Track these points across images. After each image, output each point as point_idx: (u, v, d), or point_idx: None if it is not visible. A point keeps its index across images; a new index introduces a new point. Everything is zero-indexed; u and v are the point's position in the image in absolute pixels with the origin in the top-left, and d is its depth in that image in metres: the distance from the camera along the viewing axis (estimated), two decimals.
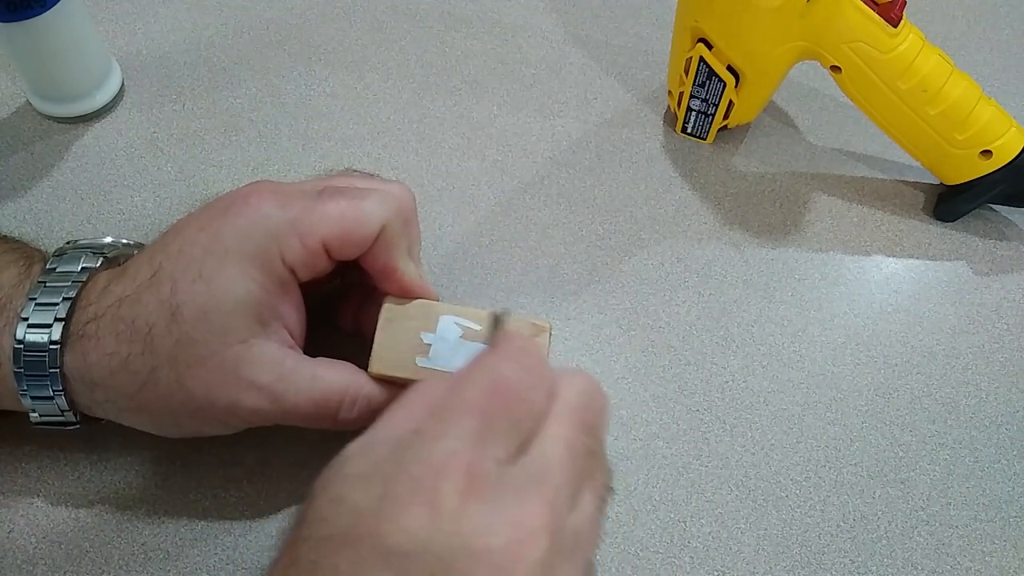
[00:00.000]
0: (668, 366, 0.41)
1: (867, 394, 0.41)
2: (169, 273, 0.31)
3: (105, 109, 0.48)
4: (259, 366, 0.31)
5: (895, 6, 0.40)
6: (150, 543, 0.35)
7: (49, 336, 0.31)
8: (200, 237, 0.31)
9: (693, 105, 0.47)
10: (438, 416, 0.25)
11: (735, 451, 0.39)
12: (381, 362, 0.33)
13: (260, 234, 0.31)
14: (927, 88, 0.42)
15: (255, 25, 0.54)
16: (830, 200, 0.48)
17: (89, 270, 0.33)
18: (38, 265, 0.33)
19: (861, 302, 0.44)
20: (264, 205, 0.31)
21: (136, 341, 0.30)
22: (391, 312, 0.34)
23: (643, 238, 0.45)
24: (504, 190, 0.47)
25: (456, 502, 0.23)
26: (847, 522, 0.37)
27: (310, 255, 0.32)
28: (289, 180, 0.35)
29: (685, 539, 0.36)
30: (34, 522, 0.35)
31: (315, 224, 0.31)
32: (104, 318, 0.31)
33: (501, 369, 0.26)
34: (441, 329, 0.33)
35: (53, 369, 0.31)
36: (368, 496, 0.23)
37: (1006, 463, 0.39)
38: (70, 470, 0.36)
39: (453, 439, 0.24)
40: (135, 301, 0.31)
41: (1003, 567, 0.36)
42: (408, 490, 0.23)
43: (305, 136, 0.48)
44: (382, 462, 0.24)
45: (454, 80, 0.52)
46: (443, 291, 0.42)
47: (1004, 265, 0.46)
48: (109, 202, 0.45)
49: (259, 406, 0.31)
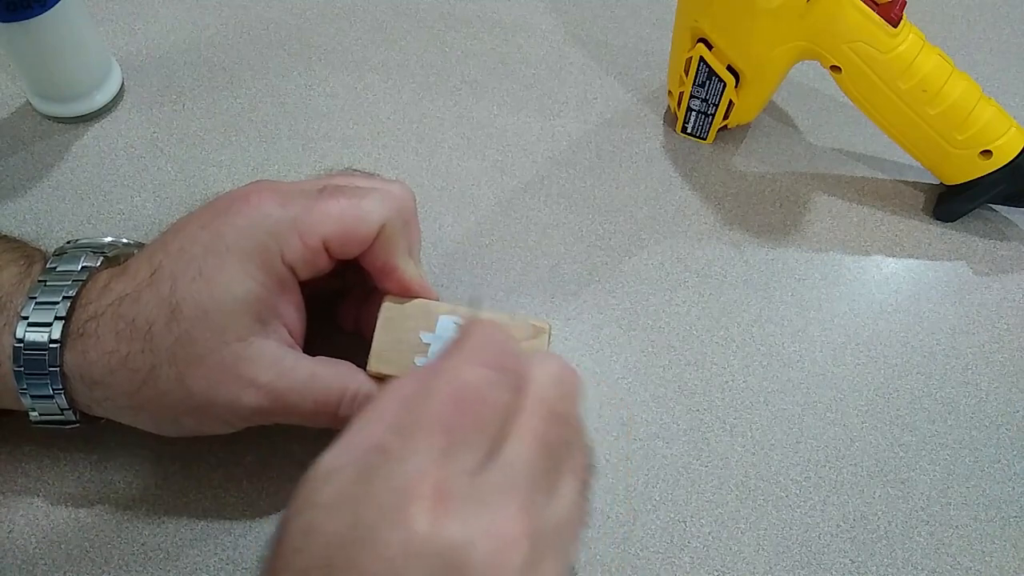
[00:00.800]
0: (668, 366, 0.41)
1: (867, 394, 0.41)
2: (169, 271, 0.31)
3: (105, 109, 0.48)
4: (258, 364, 0.31)
5: (895, 6, 0.40)
6: (150, 543, 0.35)
7: (49, 335, 0.31)
8: (201, 235, 0.31)
9: (693, 105, 0.47)
10: (402, 433, 0.25)
11: (735, 451, 0.39)
12: (380, 361, 0.33)
13: (261, 233, 0.31)
14: (927, 88, 0.42)
15: (255, 25, 0.54)
16: (830, 200, 0.48)
17: (89, 269, 0.33)
18: (38, 264, 0.33)
19: (861, 302, 0.44)
20: (265, 204, 0.31)
21: (136, 339, 0.30)
22: (390, 311, 0.34)
23: (643, 238, 0.45)
24: (504, 190, 0.47)
25: (428, 522, 0.23)
26: (847, 522, 0.37)
27: (310, 253, 0.32)
28: (289, 180, 0.35)
29: (685, 539, 0.36)
30: (34, 522, 0.35)
31: (315, 223, 0.31)
32: (104, 316, 0.31)
33: (463, 374, 0.26)
34: (440, 329, 0.33)
35: (53, 367, 0.31)
36: (340, 525, 0.23)
37: (1006, 463, 0.39)
38: (70, 470, 0.36)
39: (419, 458, 0.24)
40: (135, 299, 0.31)
41: (1003, 567, 0.36)
42: (379, 516, 0.23)
43: (305, 136, 0.48)
44: (349, 488, 0.24)
45: (454, 80, 0.52)
46: (443, 291, 0.42)
47: (1004, 265, 0.46)
48: (109, 202, 0.45)
49: (259, 404, 0.31)
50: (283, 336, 0.32)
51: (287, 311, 0.33)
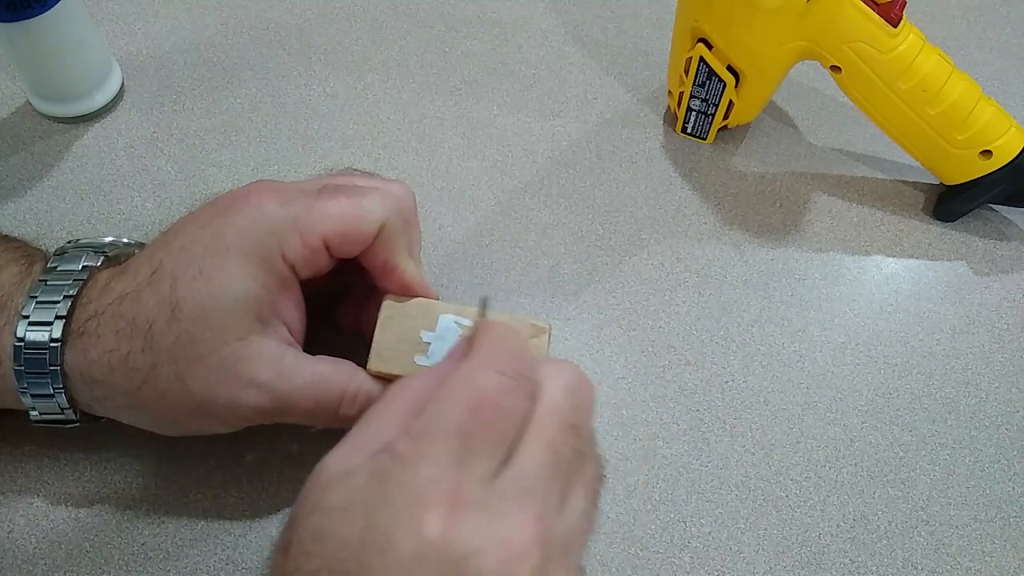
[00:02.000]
0: (668, 366, 0.41)
1: (867, 394, 0.41)
2: (170, 270, 0.31)
3: (105, 109, 0.48)
4: (258, 363, 0.31)
5: (895, 6, 0.40)
6: (150, 543, 0.35)
7: (50, 334, 0.31)
8: (201, 235, 0.31)
9: (693, 105, 0.47)
10: (418, 437, 0.25)
11: (735, 451, 0.39)
12: (380, 360, 0.33)
13: (261, 232, 0.31)
14: (927, 88, 0.42)
15: (255, 25, 0.54)
16: (830, 200, 0.48)
17: (90, 268, 0.33)
18: (39, 264, 0.33)
19: (861, 302, 0.44)
20: (265, 203, 0.31)
21: (136, 338, 0.30)
22: (391, 310, 0.34)
23: (643, 238, 0.45)
24: (504, 190, 0.47)
25: (441, 528, 0.23)
26: (847, 522, 0.37)
27: (311, 252, 0.32)
28: (289, 180, 0.35)
29: (685, 539, 0.36)
30: (34, 522, 0.35)
31: (316, 222, 0.31)
32: (104, 315, 0.31)
33: (479, 381, 0.26)
34: (441, 328, 0.33)
35: (53, 366, 0.31)
36: (352, 529, 0.23)
37: (1006, 463, 0.39)
38: (70, 470, 0.36)
39: (434, 464, 0.24)
40: (136, 298, 0.31)
41: (1003, 567, 0.36)
42: (392, 521, 0.23)
43: (305, 136, 0.48)
44: (362, 492, 0.24)
45: (454, 80, 0.52)
46: (443, 291, 0.42)
47: (1004, 265, 0.46)
48: (109, 202, 0.45)
49: (259, 403, 0.31)
50: (283, 335, 0.32)
51: (287, 310, 0.33)
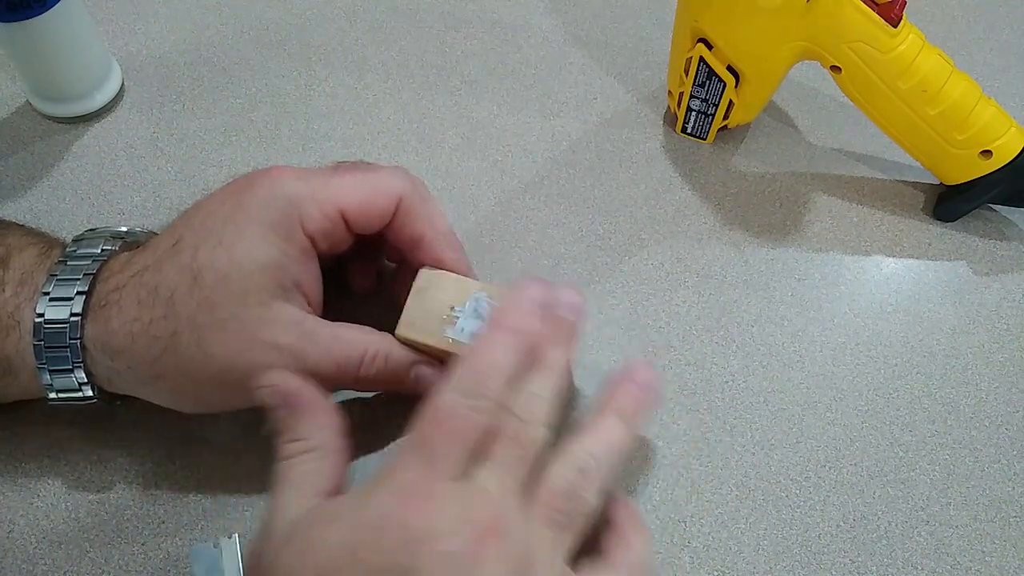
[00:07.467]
0: (668, 366, 0.41)
1: (867, 394, 0.41)
2: (191, 241, 0.32)
3: (105, 109, 0.48)
4: (280, 326, 0.32)
5: (895, 6, 0.40)
6: (150, 543, 0.35)
7: (70, 309, 0.31)
8: (221, 209, 0.32)
9: (693, 105, 0.47)
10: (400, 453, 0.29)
11: (735, 451, 0.39)
12: (410, 327, 0.34)
13: (282, 202, 0.32)
14: (927, 88, 0.42)
15: (255, 25, 0.54)
16: (830, 200, 0.47)
17: (109, 252, 0.34)
18: (58, 249, 0.34)
19: (861, 302, 0.44)
20: (284, 177, 0.33)
21: (158, 306, 0.31)
22: (426, 281, 0.35)
23: (643, 238, 0.45)
24: (504, 190, 0.47)
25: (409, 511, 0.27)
26: (847, 522, 0.37)
27: (330, 224, 0.33)
28: None
29: (685, 539, 0.36)
30: (34, 522, 0.35)
31: (333, 194, 0.33)
32: (127, 288, 0.32)
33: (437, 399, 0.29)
34: (471, 304, 0.34)
35: (73, 340, 0.31)
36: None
37: (1006, 463, 0.39)
38: (70, 470, 0.36)
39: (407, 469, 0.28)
40: (157, 269, 0.32)
41: (1003, 567, 0.36)
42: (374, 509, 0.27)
43: (305, 136, 0.48)
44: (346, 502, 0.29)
45: (454, 80, 0.52)
46: None
47: (1004, 265, 0.46)
48: (109, 202, 0.45)
49: (281, 367, 0.31)
50: (302, 303, 0.33)
51: (307, 281, 0.33)
